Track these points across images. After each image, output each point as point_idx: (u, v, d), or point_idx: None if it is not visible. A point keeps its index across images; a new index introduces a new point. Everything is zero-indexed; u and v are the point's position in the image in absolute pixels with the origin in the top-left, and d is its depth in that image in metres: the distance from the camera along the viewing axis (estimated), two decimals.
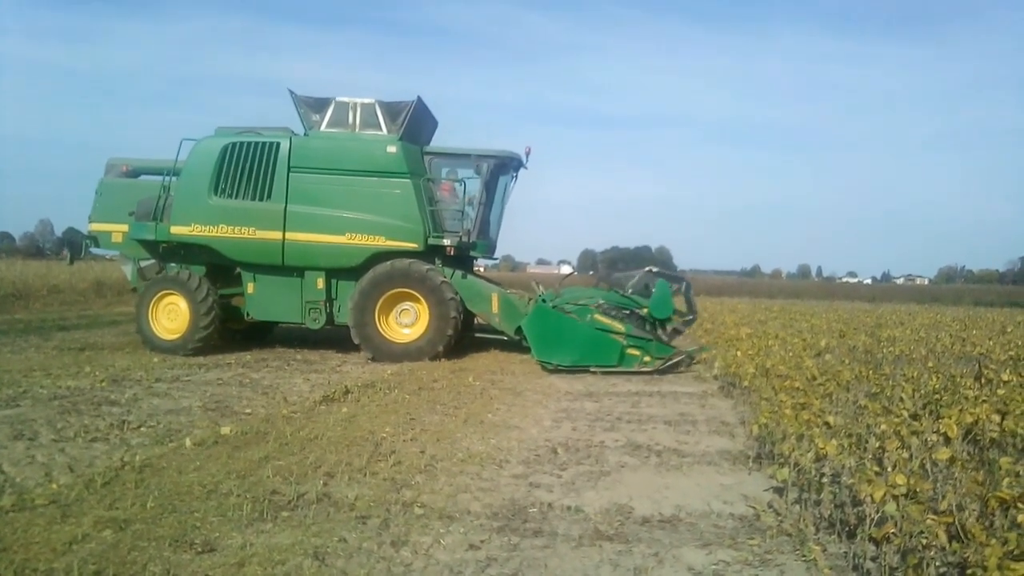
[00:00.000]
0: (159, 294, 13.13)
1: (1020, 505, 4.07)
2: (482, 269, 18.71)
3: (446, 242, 13.27)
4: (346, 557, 4.27)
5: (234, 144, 13.06)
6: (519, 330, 13.30)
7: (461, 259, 13.91)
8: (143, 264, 13.98)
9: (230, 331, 13.90)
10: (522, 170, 14.42)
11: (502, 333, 13.74)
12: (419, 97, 13.31)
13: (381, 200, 13.02)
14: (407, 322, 13.25)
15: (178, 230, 12.95)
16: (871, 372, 9.12)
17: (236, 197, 12.98)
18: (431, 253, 13.31)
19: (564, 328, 12.22)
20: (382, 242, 12.96)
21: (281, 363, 12.33)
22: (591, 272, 15.56)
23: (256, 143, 13.08)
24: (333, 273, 13.38)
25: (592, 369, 12.03)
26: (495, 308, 13.53)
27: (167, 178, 13.32)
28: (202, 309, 12.85)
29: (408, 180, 13.06)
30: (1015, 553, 3.42)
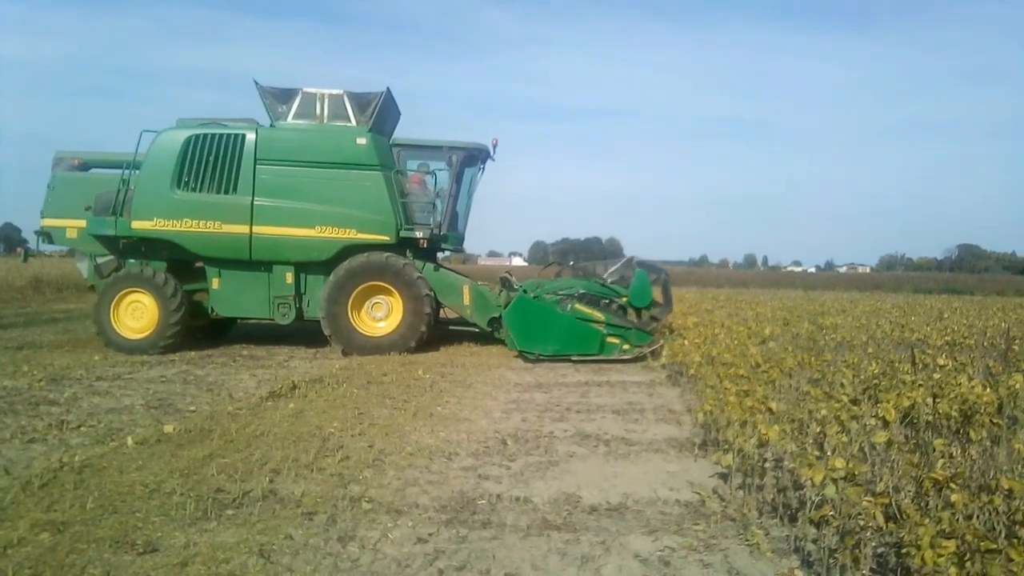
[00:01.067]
0: (122, 292, 12.73)
1: (953, 485, 4.19)
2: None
3: (418, 235, 13.22)
4: (292, 554, 4.23)
5: (197, 136, 12.72)
6: (491, 322, 13.43)
7: (427, 251, 13.88)
8: (100, 261, 13.48)
9: (190, 328, 13.54)
10: (489, 161, 14.38)
11: (473, 325, 13.80)
12: (388, 88, 13.20)
13: (352, 193, 12.86)
14: (380, 315, 13.18)
15: (140, 225, 12.54)
16: (813, 359, 9.31)
17: (200, 190, 12.64)
18: (402, 246, 13.25)
19: (545, 318, 12.37)
20: (353, 235, 12.82)
21: (227, 359, 12.13)
22: (568, 264, 15.55)
23: (220, 135, 12.77)
24: (302, 267, 13.18)
25: (573, 358, 12.20)
26: (466, 300, 13.56)
27: (126, 171, 12.89)
28: (172, 306, 12.56)
29: (379, 172, 12.95)
30: (947, 532, 3.53)
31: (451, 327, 14.97)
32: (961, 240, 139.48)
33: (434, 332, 14.38)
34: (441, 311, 14.39)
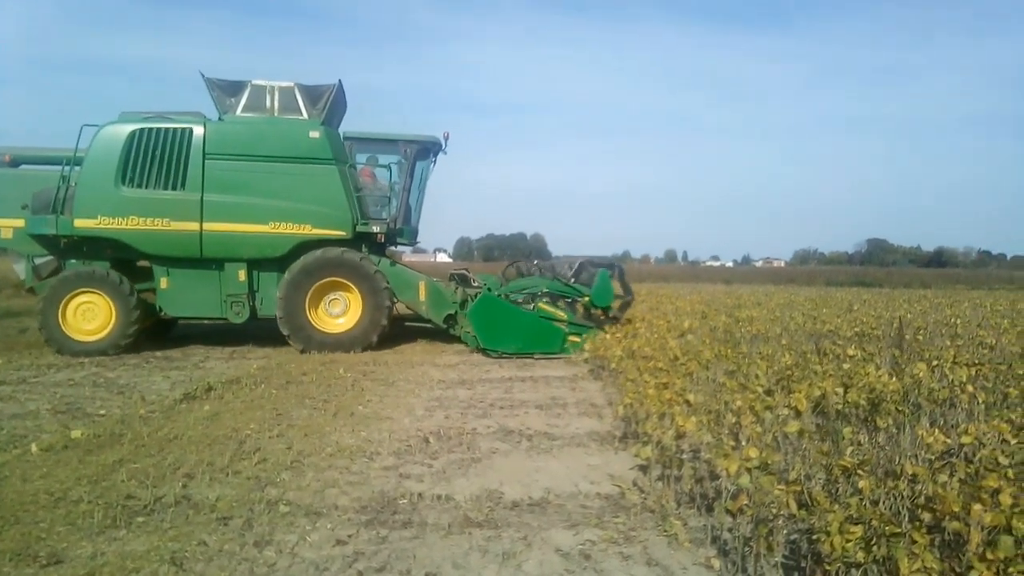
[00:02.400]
0: (71, 293, 12.19)
1: (861, 472, 4.33)
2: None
3: (375, 229, 13.12)
4: (206, 561, 4.11)
5: (142, 130, 12.26)
6: (447, 318, 13.43)
7: (379, 247, 13.74)
8: (38, 261, 12.84)
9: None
10: (440, 155, 14.33)
11: (428, 321, 13.76)
12: (339, 81, 13.00)
13: (306, 187, 12.62)
14: (337, 312, 13.02)
15: (83, 223, 12.05)
16: (730, 351, 9.51)
17: (147, 187, 12.19)
18: (357, 241, 13.09)
19: (509, 317, 12.45)
20: (309, 230, 12.61)
21: (139, 361, 11.74)
22: (532, 263, 15.67)
23: (166, 129, 12.33)
24: (255, 264, 12.87)
25: (535, 356, 12.34)
26: (422, 296, 13.48)
27: (67, 168, 12.29)
28: (130, 305, 12.19)
29: (334, 166, 12.77)
30: (855, 517, 3.64)
31: (406, 323, 14.88)
32: (870, 235, 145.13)
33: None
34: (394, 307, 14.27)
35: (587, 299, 12.95)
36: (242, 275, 12.78)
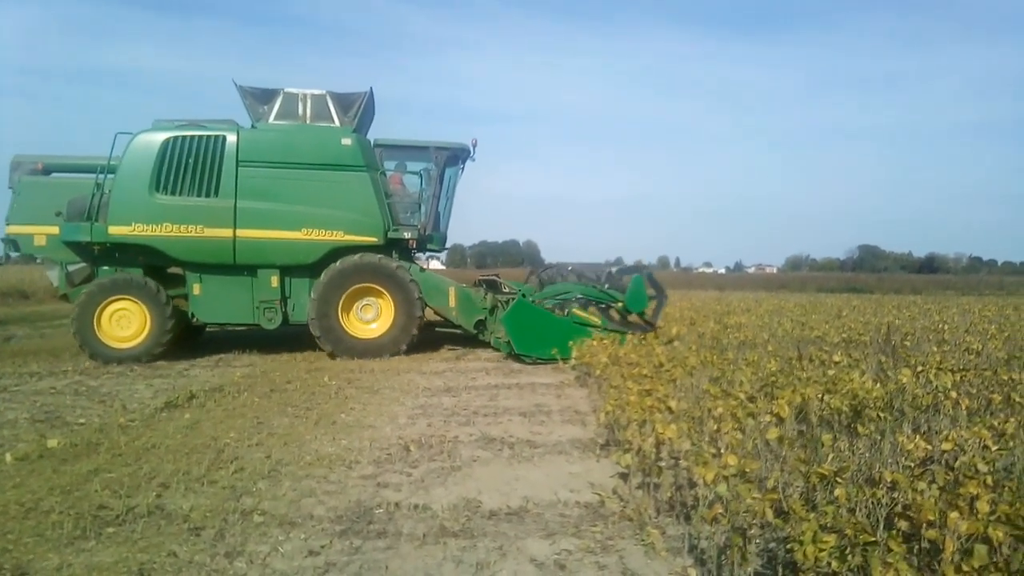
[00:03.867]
0: (107, 300, 12.24)
1: (839, 480, 4.29)
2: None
3: (407, 235, 13.23)
4: (174, 572, 4.05)
5: (176, 138, 12.35)
6: (477, 324, 13.54)
7: (407, 252, 13.83)
8: (72, 268, 12.92)
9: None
10: (469, 161, 14.37)
11: (458, 327, 13.87)
12: (371, 88, 13.12)
13: (338, 194, 12.74)
14: (369, 317, 13.10)
15: (117, 230, 12.12)
16: (715, 357, 9.47)
17: (180, 194, 12.29)
18: (388, 247, 13.18)
19: (544, 322, 12.44)
20: (341, 237, 12.73)
21: (123, 369, 11.65)
22: (565, 270, 15.76)
23: (200, 136, 12.43)
24: (286, 270, 12.95)
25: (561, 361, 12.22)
26: (452, 302, 13.56)
27: (100, 175, 12.40)
28: (166, 313, 12.28)
29: (366, 173, 12.88)
30: (829, 526, 3.60)
31: (436, 329, 14.85)
32: (862, 241, 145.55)
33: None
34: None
35: (621, 304, 13.08)
36: (275, 281, 12.86)
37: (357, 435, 7.31)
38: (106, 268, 12.77)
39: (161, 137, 12.35)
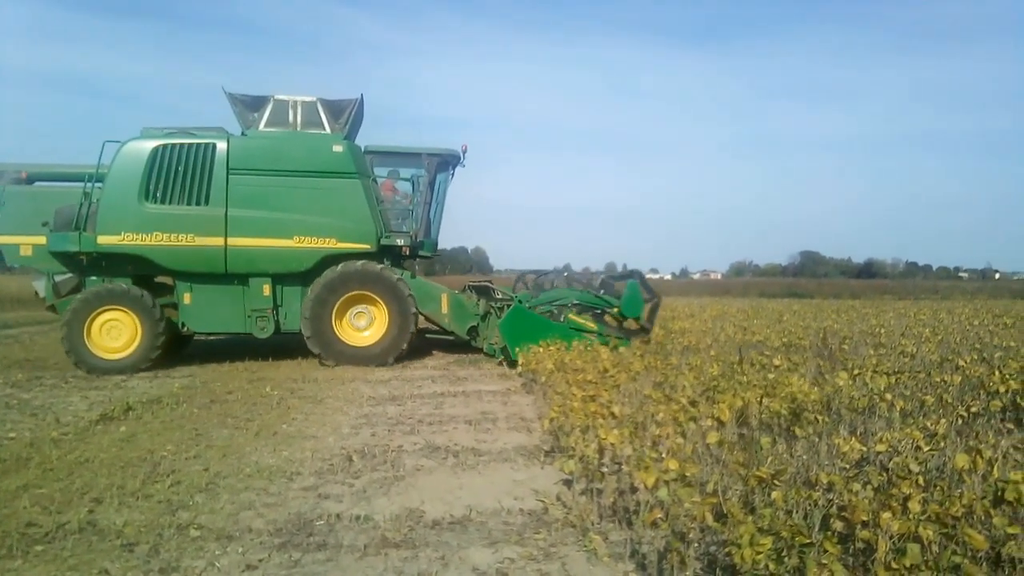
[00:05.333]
0: (97, 311, 11.98)
1: (776, 483, 4.35)
2: None
3: (400, 242, 13.21)
4: None
5: (165, 146, 12.19)
6: (470, 330, 13.62)
7: (399, 260, 13.79)
8: (59, 279, 12.61)
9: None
10: (459, 167, 14.35)
11: (450, 334, 13.90)
12: (361, 95, 13.09)
13: (330, 201, 12.67)
14: (362, 325, 13.04)
15: (106, 239, 11.93)
16: (659, 362, 9.56)
17: (170, 202, 12.16)
18: (380, 254, 13.13)
19: (540, 328, 12.43)
20: (333, 244, 12.65)
21: (57, 380, 11.31)
22: (558, 275, 15.94)
23: (189, 144, 12.28)
24: (278, 279, 12.80)
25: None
26: (445, 308, 13.65)
27: (89, 184, 12.17)
28: (158, 324, 12.13)
29: (357, 180, 12.82)
30: (766, 528, 3.64)
31: (427, 335, 14.79)
32: (804, 248, 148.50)
33: (292, 342, 14.01)
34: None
35: (616, 310, 13.20)
36: (267, 289, 12.77)
37: (299, 446, 7.20)
38: (94, 278, 12.61)
39: (150, 145, 12.21)
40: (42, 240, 12.22)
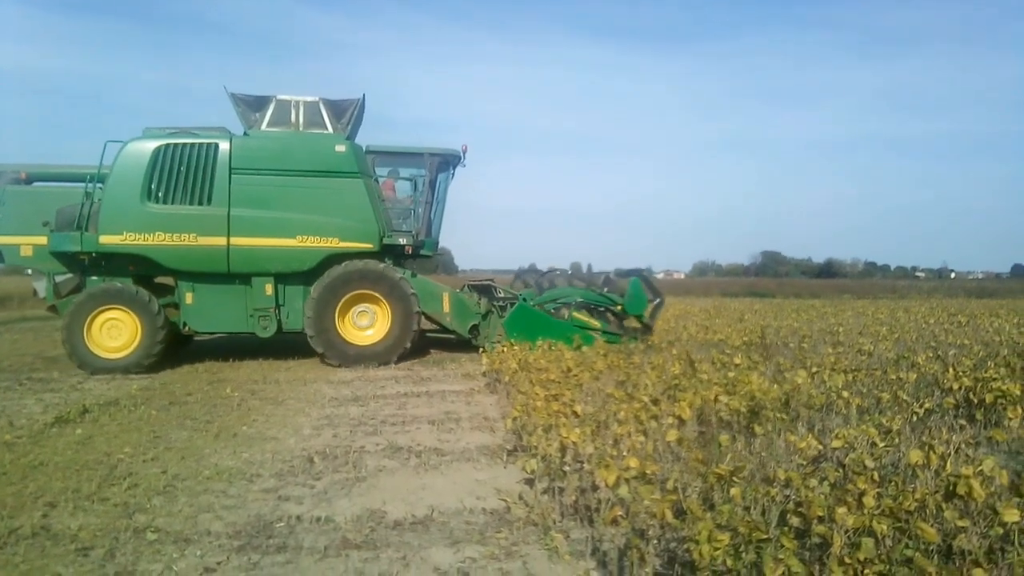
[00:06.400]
0: (97, 310, 11.89)
1: (735, 479, 4.40)
2: None
3: (402, 241, 13.22)
4: None
5: (167, 146, 12.13)
6: (472, 329, 13.63)
7: (400, 260, 13.77)
8: (59, 279, 12.47)
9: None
10: (460, 167, 14.34)
11: (452, 332, 13.92)
12: (364, 95, 13.07)
13: (332, 201, 12.65)
14: (364, 324, 13.02)
15: (108, 239, 11.87)
16: (621, 361, 9.62)
17: (173, 202, 12.13)
18: (383, 253, 13.10)
19: (545, 326, 12.62)
20: (336, 244, 12.64)
21: (12, 383, 11.06)
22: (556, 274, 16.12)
23: (192, 144, 12.23)
24: (280, 278, 12.75)
25: None
26: (446, 307, 13.62)
27: (90, 184, 12.10)
28: (158, 323, 11.99)
29: (360, 180, 12.80)
30: (724, 525, 3.68)
31: (428, 334, 14.75)
32: (765, 247, 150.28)
33: (249, 343, 13.88)
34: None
35: (620, 308, 13.34)
36: (269, 289, 12.73)
37: (259, 447, 7.12)
38: (95, 278, 12.51)
39: (152, 145, 12.16)
40: (42, 240, 12.16)
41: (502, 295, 14.55)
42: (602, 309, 13.50)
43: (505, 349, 11.47)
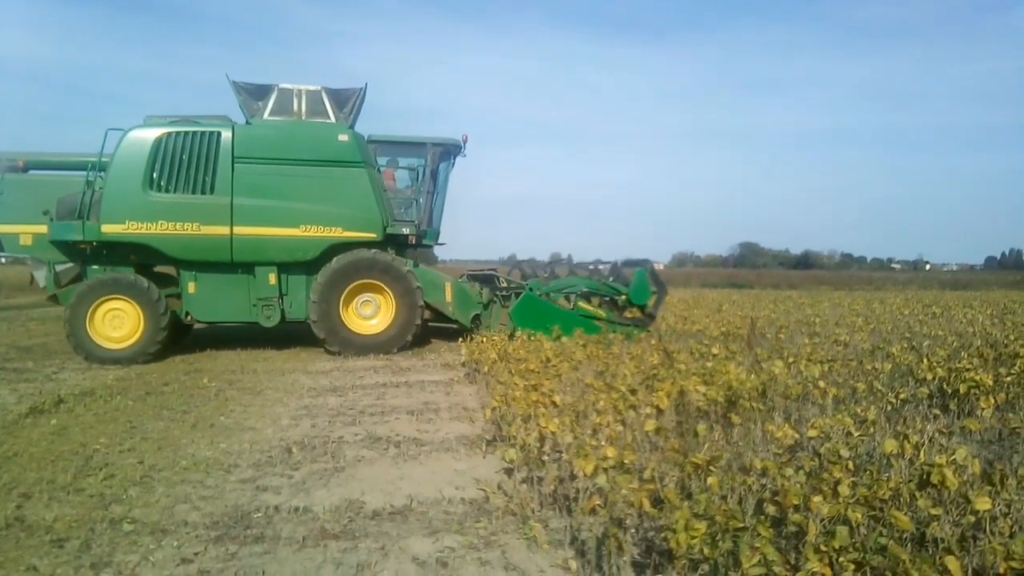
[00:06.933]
0: (99, 300, 11.80)
1: (712, 468, 4.44)
2: None
3: (405, 231, 13.22)
4: None
5: (169, 134, 12.04)
6: (474, 319, 13.70)
7: (403, 249, 13.77)
8: (60, 268, 12.35)
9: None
10: (460, 157, 14.32)
11: (454, 322, 13.92)
12: (366, 84, 12.99)
13: (335, 190, 12.62)
14: (368, 314, 13.01)
15: (110, 228, 11.80)
16: (601, 352, 9.66)
17: (175, 191, 12.07)
18: (385, 243, 13.08)
19: (551, 315, 12.68)
20: (339, 233, 12.62)
21: None
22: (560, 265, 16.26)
23: (194, 132, 12.15)
24: (284, 267, 12.69)
25: None
26: (449, 297, 13.66)
27: (91, 173, 11.97)
28: (159, 312, 11.93)
29: (363, 169, 12.75)
30: (701, 514, 3.71)
31: (430, 323, 14.70)
32: (743, 239, 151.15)
33: (227, 334, 13.79)
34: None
35: (625, 297, 13.39)
36: (272, 278, 12.68)
37: (237, 438, 7.09)
38: (95, 268, 12.40)
39: (154, 134, 12.08)
40: (42, 229, 12.07)
41: (505, 285, 14.58)
42: (607, 299, 13.59)
43: (484, 339, 11.48)
